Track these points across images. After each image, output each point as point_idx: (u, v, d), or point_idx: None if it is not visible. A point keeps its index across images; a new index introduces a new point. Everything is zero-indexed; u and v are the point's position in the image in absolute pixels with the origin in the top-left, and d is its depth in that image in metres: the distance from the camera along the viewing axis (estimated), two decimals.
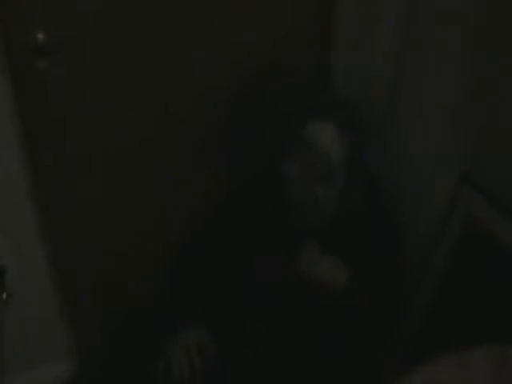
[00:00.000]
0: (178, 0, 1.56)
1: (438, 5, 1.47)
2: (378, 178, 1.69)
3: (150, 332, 1.63)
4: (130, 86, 1.62)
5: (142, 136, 1.70)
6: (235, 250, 1.58)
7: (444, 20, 1.46)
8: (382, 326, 1.48)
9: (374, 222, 1.56)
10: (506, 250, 1.36)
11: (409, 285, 1.63)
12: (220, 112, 1.74)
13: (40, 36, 1.44)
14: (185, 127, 1.74)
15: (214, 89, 1.71)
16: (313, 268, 1.43)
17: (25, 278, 1.74)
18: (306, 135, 1.47)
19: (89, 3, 1.48)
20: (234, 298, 1.58)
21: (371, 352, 1.45)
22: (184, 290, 1.62)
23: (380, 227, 1.57)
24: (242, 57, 1.69)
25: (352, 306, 1.44)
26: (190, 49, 1.63)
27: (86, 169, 1.69)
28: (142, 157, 1.73)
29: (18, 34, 1.43)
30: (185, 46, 1.62)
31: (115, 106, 1.63)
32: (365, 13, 1.64)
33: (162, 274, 1.70)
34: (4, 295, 1.66)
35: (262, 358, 1.51)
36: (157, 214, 1.84)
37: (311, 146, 1.47)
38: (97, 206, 1.75)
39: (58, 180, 1.67)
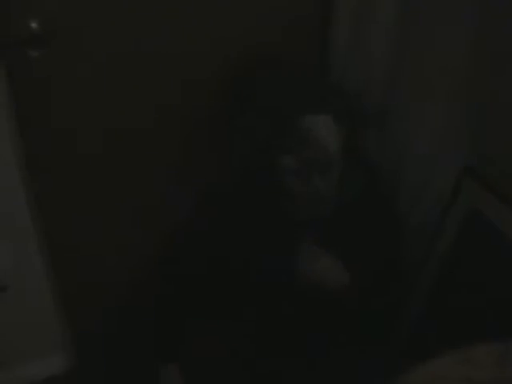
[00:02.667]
0: None
1: None
2: (377, 167, 1.68)
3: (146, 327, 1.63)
4: (126, 77, 1.59)
5: (140, 127, 1.68)
6: (237, 246, 1.57)
7: (446, 7, 1.44)
8: (382, 322, 1.48)
9: (374, 211, 1.55)
10: (509, 242, 1.35)
11: (409, 278, 1.62)
12: (216, 106, 1.72)
13: (34, 25, 1.41)
14: (181, 120, 1.72)
15: (209, 80, 1.69)
16: (311, 269, 1.43)
17: (19, 270, 1.72)
18: (303, 128, 1.45)
19: None
20: (236, 295, 1.57)
21: (373, 349, 1.44)
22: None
23: (379, 217, 1.55)
24: (239, 47, 1.67)
25: (352, 305, 1.43)
26: (185, 39, 1.61)
27: (83, 160, 1.66)
28: (140, 148, 1.71)
29: (11, 23, 1.40)
30: (181, 36, 1.60)
31: (110, 96, 1.60)
32: (362, 9, 1.62)
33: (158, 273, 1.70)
34: None
35: (262, 356, 1.51)
36: (155, 209, 1.82)
37: (308, 139, 1.45)
38: (94, 198, 1.73)
39: (52, 171, 1.65)
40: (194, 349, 1.58)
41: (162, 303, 1.63)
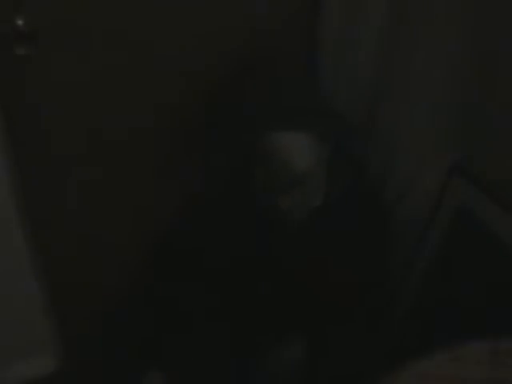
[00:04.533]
0: None
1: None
2: (364, 165, 1.68)
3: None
4: (115, 75, 1.58)
5: (134, 126, 1.67)
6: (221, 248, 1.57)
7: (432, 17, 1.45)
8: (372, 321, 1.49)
9: (361, 209, 1.55)
10: (496, 239, 1.36)
11: (396, 277, 1.62)
12: (199, 110, 1.70)
13: (20, 22, 1.39)
14: (170, 121, 1.71)
15: (196, 84, 1.67)
16: None
17: (7, 267, 1.70)
18: (275, 144, 1.38)
19: None
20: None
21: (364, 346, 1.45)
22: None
23: (367, 215, 1.55)
24: (225, 50, 1.66)
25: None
26: (176, 37, 1.60)
27: (75, 158, 1.65)
28: (135, 147, 1.70)
29: None
30: (172, 34, 1.59)
31: (99, 94, 1.59)
32: (351, 9, 1.62)
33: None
34: None
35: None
36: (150, 210, 1.82)
37: (273, 155, 1.39)
38: (86, 196, 1.73)
39: (42, 169, 1.64)
40: (177, 352, 1.58)
41: (146, 307, 1.63)
